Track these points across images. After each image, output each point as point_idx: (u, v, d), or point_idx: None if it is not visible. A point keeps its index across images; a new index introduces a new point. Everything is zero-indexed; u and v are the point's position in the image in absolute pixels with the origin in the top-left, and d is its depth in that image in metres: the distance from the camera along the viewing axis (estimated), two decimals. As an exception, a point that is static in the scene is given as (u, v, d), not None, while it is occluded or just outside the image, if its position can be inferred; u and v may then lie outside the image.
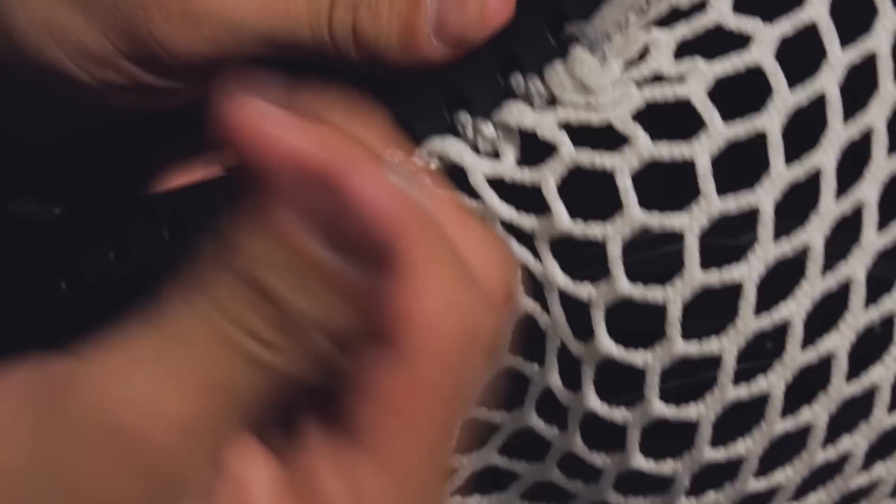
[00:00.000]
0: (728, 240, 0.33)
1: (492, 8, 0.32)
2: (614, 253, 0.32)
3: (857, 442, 0.34)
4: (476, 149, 0.33)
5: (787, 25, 0.32)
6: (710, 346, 0.32)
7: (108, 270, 0.35)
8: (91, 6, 0.33)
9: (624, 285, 0.32)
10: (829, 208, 0.33)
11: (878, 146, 0.33)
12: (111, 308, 0.37)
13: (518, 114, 0.32)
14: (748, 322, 0.32)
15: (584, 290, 0.33)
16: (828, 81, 0.32)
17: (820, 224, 0.33)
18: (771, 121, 0.32)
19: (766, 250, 0.32)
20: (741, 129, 0.32)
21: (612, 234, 0.32)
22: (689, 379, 0.33)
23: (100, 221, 0.34)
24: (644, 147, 0.31)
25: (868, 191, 0.33)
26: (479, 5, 0.32)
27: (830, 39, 0.32)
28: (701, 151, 0.32)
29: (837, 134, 0.33)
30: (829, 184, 0.33)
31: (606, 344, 0.33)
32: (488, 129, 0.33)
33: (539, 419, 0.36)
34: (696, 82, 0.32)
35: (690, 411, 0.33)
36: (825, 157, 0.32)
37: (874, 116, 0.33)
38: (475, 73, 0.33)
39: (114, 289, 0.35)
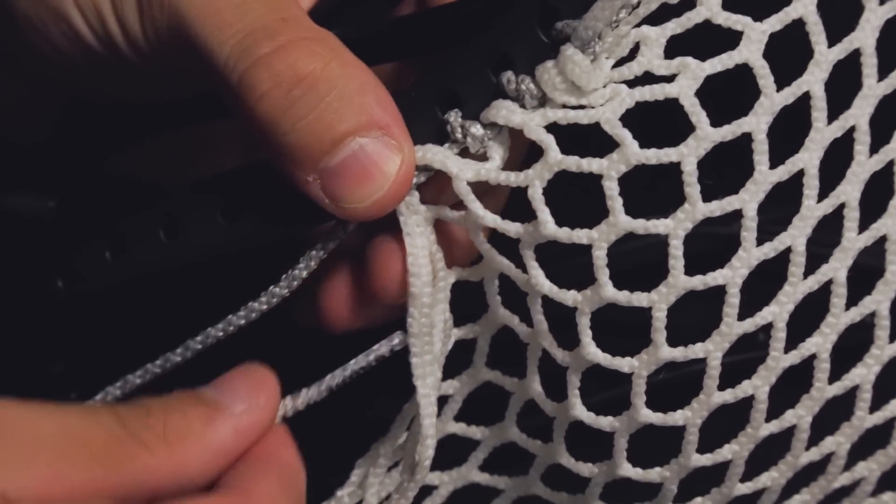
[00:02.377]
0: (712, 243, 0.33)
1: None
2: (600, 259, 0.31)
3: (839, 442, 0.34)
4: (466, 150, 0.32)
5: (775, 22, 0.31)
6: (696, 350, 0.32)
7: (104, 270, 0.34)
8: None
9: (609, 291, 0.31)
10: (812, 210, 0.32)
11: (861, 145, 0.33)
12: (107, 308, 0.36)
13: (506, 113, 0.31)
14: (732, 326, 0.32)
15: (569, 297, 0.32)
16: (814, 80, 0.32)
17: (803, 226, 0.32)
18: (758, 123, 0.31)
19: (750, 254, 0.32)
20: (728, 131, 0.31)
21: (599, 240, 0.31)
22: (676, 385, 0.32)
23: (95, 218, 0.34)
24: (631, 153, 0.31)
25: (850, 190, 0.33)
26: None
27: (818, 36, 0.32)
28: (688, 155, 0.31)
29: (822, 134, 0.32)
30: (811, 185, 0.32)
31: (592, 351, 0.32)
32: (477, 129, 0.32)
33: (521, 433, 0.35)
34: (685, 83, 0.31)
35: (677, 417, 0.32)
36: (809, 158, 0.32)
37: (858, 114, 0.33)
38: (467, 71, 0.31)
39: (110, 289, 0.34)
